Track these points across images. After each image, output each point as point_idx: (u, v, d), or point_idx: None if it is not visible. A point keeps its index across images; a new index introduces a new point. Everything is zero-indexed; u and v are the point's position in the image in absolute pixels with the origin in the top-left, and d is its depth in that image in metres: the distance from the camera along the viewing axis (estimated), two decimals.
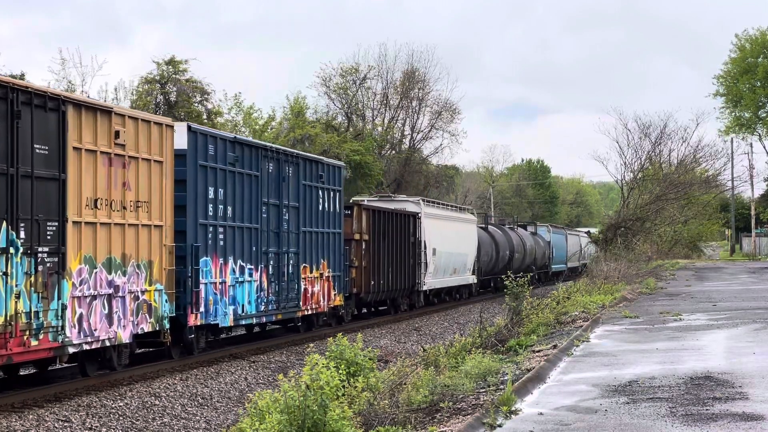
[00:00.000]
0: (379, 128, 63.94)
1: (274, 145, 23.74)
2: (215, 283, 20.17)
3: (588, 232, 78.13)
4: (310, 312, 25.28)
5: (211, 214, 20.18)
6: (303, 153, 26.17)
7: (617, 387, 13.23)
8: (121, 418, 14.66)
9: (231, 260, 20.96)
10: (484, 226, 47.74)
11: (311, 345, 15.92)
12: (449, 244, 38.24)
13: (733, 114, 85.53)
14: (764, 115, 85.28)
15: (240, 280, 21.33)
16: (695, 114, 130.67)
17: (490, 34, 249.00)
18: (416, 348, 24.17)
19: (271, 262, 22.96)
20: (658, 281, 43.17)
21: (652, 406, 11.66)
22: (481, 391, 13.23)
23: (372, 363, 15.48)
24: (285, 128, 50.31)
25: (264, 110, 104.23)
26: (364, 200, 34.23)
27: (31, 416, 13.93)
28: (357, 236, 29.31)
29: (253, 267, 21.99)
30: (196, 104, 42.58)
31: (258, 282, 22.24)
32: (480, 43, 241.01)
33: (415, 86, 64.96)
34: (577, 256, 71.21)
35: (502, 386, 13.30)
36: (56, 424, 13.73)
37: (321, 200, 25.87)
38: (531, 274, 51.72)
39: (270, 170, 22.99)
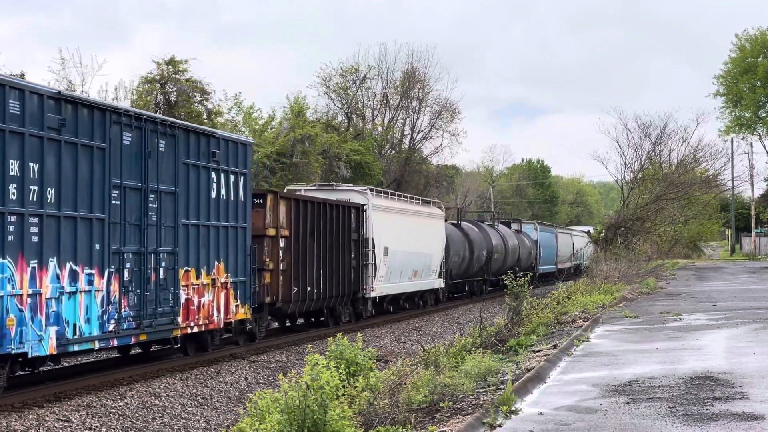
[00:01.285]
0: (379, 128, 63.95)
1: (132, 109, 18.32)
2: (20, 295, 14.41)
3: (588, 232, 77.52)
4: (195, 329, 19.37)
5: (13, 198, 14.36)
6: (185, 123, 20.27)
7: (617, 387, 13.23)
8: (121, 418, 14.66)
9: (53, 263, 15.21)
10: (456, 222, 42.37)
11: (310, 345, 15.92)
12: (407, 242, 32.71)
13: (733, 114, 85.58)
14: (764, 114, 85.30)
15: (70, 290, 15.57)
16: (695, 114, 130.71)
17: (490, 34, 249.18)
18: (416, 348, 24.16)
19: (128, 265, 17.15)
20: (658, 281, 43.18)
21: (652, 405, 11.66)
22: (481, 390, 13.24)
23: (372, 363, 15.48)
24: (285, 128, 50.26)
25: (264, 110, 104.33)
26: (300, 189, 29.55)
27: (31, 416, 13.93)
28: (272, 232, 23.34)
29: (94, 272, 16.21)
30: (196, 104, 42.56)
31: (104, 292, 16.42)
32: (481, 43, 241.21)
33: (415, 86, 64.96)
34: (568, 256, 66.68)
35: (502, 386, 13.30)
36: (56, 424, 13.73)
37: (214, 185, 19.98)
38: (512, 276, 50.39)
39: (126, 141, 17.21)
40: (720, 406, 11.48)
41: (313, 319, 28.54)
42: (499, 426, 10.68)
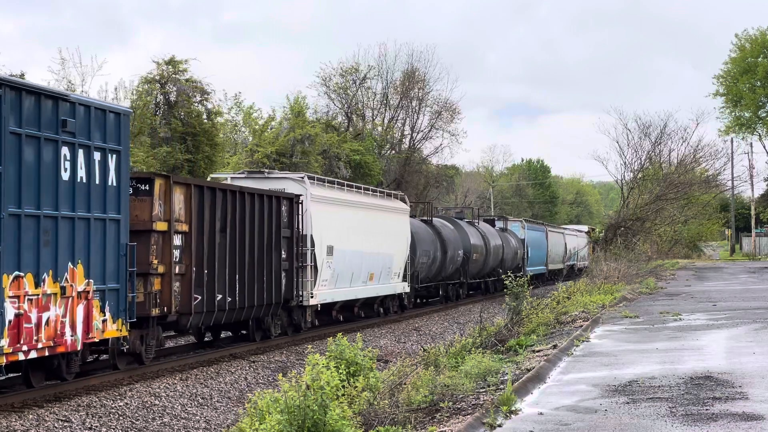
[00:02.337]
0: (379, 128, 63.94)
1: None
2: None
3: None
4: (34, 354, 14.45)
5: None
6: (14, 78, 15.46)
7: (617, 387, 13.23)
8: (121, 418, 14.66)
9: None
10: (426, 219, 38.21)
11: (310, 346, 15.92)
12: (360, 240, 28.22)
13: (733, 114, 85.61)
14: (764, 115, 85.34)
15: None
16: (695, 114, 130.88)
17: (493, 34, 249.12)
18: (416, 348, 24.17)
19: None
20: (658, 281, 43.19)
21: (652, 406, 11.66)
22: (481, 391, 13.24)
23: (372, 363, 15.48)
24: (285, 128, 50.24)
25: (264, 110, 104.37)
26: (227, 177, 26.00)
27: (31, 416, 13.93)
28: (162, 226, 18.46)
29: None
30: (196, 104, 42.53)
31: None
32: (483, 43, 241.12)
33: (415, 86, 64.95)
34: (560, 256, 62.37)
35: (502, 386, 13.30)
36: (56, 424, 13.73)
37: (67, 164, 15.32)
38: (494, 279, 44.86)
39: None
40: (720, 406, 11.48)
41: (244, 332, 23.52)
42: (499, 426, 10.68)
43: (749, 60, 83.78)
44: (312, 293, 24.87)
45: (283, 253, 23.66)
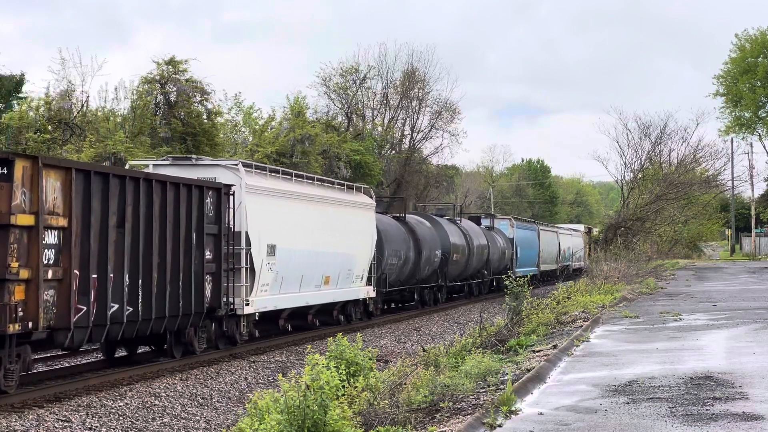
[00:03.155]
0: (379, 128, 63.98)
1: None
2: None
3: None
4: None
5: None
6: None
7: (617, 387, 13.23)
8: (121, 418, 14.66)
9: None
10: (398, 215, 34.50)
11: (310, 346, 15.92)
12: (312, 238, 24.63)
13: (733, 114, 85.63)
14: (764, 115, 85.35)
15: None
16: (695, 114, 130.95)
17: (493, 34, 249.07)
18: (416, 348, 24.16)
19: None
20: (658, 281, 43.19)
21: (652, 406, 11.66)
22: (481, 391, 13.24)
23: (372, 363, 15.48)
24: (285, 128, 50.28)
25: (265, 110, 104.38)
26: (149, 164, 22.21)
27: (31, 416, 13.93)
28: (26, 220, 14.70)
29: None
30: (196, 104, 42.56)
31: None
32: (483, 43, 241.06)
33: (415, 86, 65.01)
34: (553, 257, 59.42)
35: (502, 386, 13.30)
36: (56, 424, 13.73)
37: None
38: (478, 281, 42.76)
39: None
40: (720, 406, 11.48)
41: (153, 348, 20.33)
42: (499, 426, 10.68)
43: (749, 60, 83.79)
44: (248, 300, 21.20)
45: (207, 253, 19.82)
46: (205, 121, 42.67)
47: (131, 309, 17.16)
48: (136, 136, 38.48)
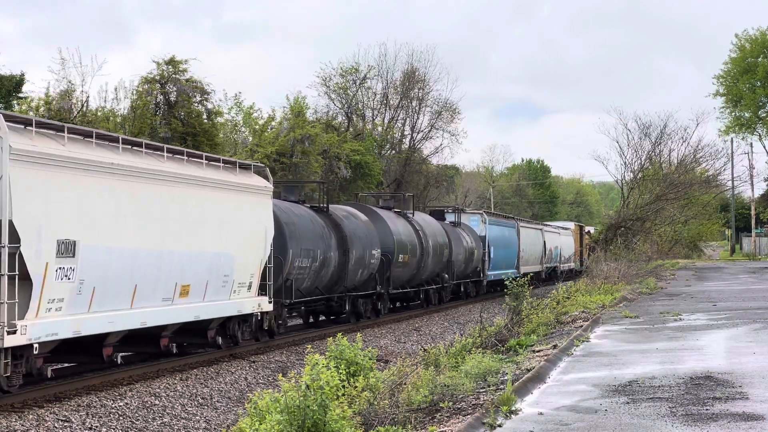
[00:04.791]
0: (379, 128, 64.01)
1: None
2: None
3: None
4: None
5: None
6: None
7: (617, 387, 13.23)
8: (121, 418, 14.66)
9: None
10: (318, 206, 27.26)
11: (310, 346, 15.91)
12: (150, 231, 17.23)
13: (733, 114, 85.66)
14: (764, 115, 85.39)
15: None
16: (695, 114, 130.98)
17: (494, 34, 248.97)
18: (416, 348, 24.17)
19: None
20: (658, 281, 43.20)
21: (652, 406, 11.66)
22: (481, 391, 13.24)
23: (372, 363, 15.48)
24: (285, 128, 50.31)
25: (265, 110, 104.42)
26: None
27: (31, 416, 13.93)
28: None
29: None
30: (196, 104, 42.56)
31: None
32: (484, 43, 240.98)
33: (415, 86, 65.05)
34: (537, 258, 53.30)
35: (502, 386, 13.30)
36: (56, 424, 13.73)
37: None
38: (437, 287, 35.79)
39: None
40: (720, 406, 11.48)
41: None
42: (499, 426, 10.68)
43: (749, 60, 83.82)
44: (17, 325, 13.91)
45: None
46: (205, 121, 42.67)
47: None
48: (136, 136, 38.48)
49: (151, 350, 19.03)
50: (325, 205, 27.36)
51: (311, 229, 25.07)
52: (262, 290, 21.58)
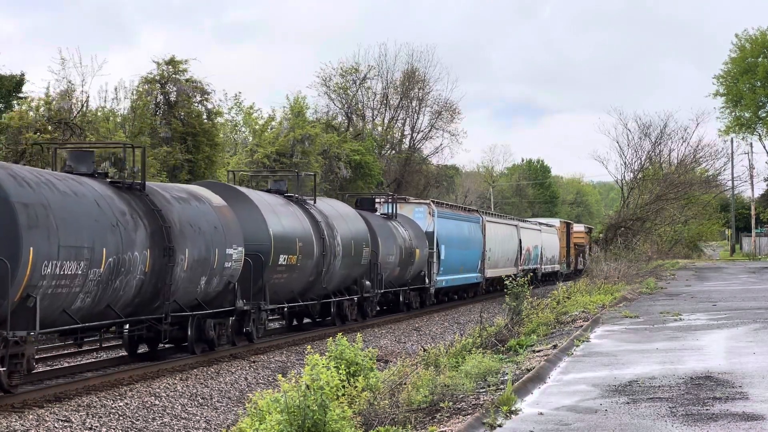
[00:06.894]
0: (379, 128, 64.04)
1: None
2: None
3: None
4: None
5: None
6: None
7: (617, 387, 13.23)
8: (121, 418, 14.66)
9: None
10: (125, 182, 17.88)
11: (310, 346, 15.90)
12: None
13: (733, 114, 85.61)
14: (764, 115, 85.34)
15: None
16: (695, 114, 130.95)
17: (495, 34, 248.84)
18: (416, 348, 24.16)
19: None
20: (658, 281, 43.18)
21: (652, 406, 11.66)
22: (481, 391, 13.23)
23: (372, 363, 15.48)
24: (285, 128, 50.31)
25: (264, 110, 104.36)
26: None
27: (31, 416, 13.93)
28: None
29: None
30: (196, 104, 42.55)
31: None
32: (484, 43, 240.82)
33: (415, 86, 65.09)
34: (511, 258, 45.87)
35: (502, 386, 13.30)
36: (56, 424, 13.72)
37: None
38: (352, 298, 27.64)
39: None
40: (720, 406, 11.48)
41: None
42: (499, 426, 10.68)
43: (749, 60, 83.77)
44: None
45: None
46: (205, 121, 42.66)
47: None
48: (136, 136, 38.44)
49: None
50: (138, 182, 18.12)
51: (88, 215, 15.69)
52: None
